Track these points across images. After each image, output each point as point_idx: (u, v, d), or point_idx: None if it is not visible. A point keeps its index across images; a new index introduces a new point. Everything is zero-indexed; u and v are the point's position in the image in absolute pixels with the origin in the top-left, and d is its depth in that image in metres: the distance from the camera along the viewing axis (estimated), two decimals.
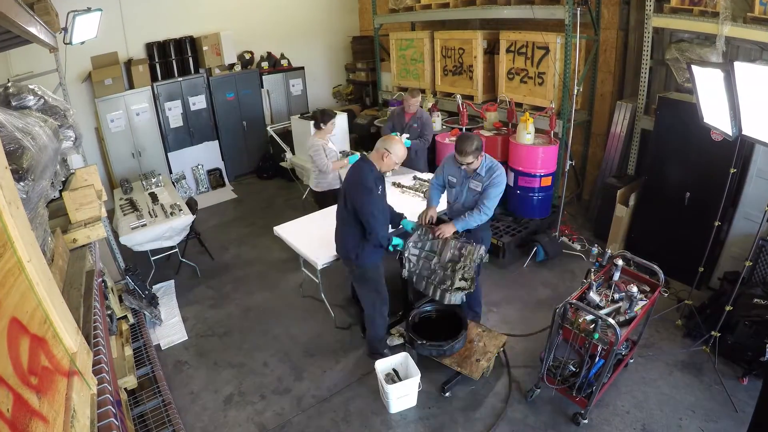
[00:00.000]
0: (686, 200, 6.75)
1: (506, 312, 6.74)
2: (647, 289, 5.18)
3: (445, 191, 6.06)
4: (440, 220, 5.80)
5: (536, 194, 7.98)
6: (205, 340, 6.67)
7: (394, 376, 5.49)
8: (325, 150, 7.30)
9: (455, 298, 5.38)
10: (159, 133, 10.88)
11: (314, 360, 6.17)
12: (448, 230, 5.56)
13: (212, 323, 7.00)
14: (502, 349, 5.83)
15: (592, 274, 5.23)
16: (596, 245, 5.76)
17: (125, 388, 5.08)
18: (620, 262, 5.24)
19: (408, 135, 7.94)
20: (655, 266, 5.26)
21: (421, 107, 8.53)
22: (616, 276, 5.25)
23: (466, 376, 5.45)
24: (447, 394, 5.46)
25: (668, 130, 6.91)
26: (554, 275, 7.42)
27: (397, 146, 5.14)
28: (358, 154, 7.02)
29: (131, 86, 10.35)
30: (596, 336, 4.51)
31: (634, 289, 4.84)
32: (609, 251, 5.38)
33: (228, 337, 6.70)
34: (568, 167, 7.70)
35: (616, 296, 5.01)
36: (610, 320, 4.43)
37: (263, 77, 12.18)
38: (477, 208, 5.53)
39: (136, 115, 10.41)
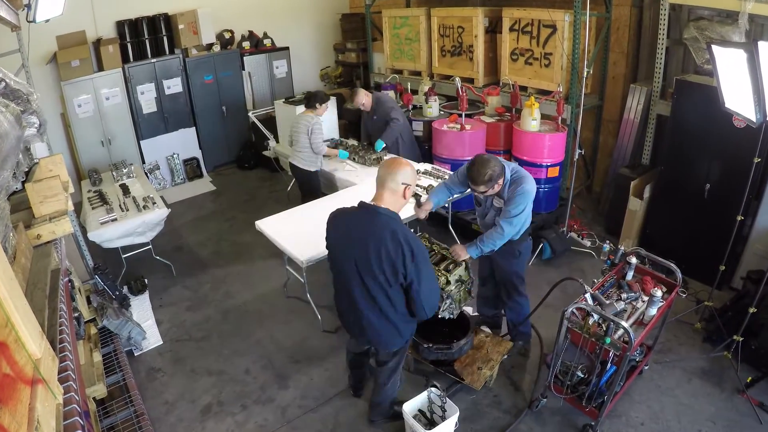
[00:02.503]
0: (706, 193, 6.76)
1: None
2: (663, 289, 5.18)
3: (454, 197, 5.90)
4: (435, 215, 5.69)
5: (542, 186, 7.98)
6: (181, 345, 6.66)
7: (421, 417, 5.26)
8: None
9: (443, 314, 5.34)
10: (131, 119, 10.84)
11: (300, 367, 6.17)
12: (461, 254, 5.25)
13: (189, 327, 6.99)
14: (506, 356, 5.84)
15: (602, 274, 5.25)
16: (608, 241, 5.76)
17: (94, 398, 5.06)
18: (634, 260, 5.24)
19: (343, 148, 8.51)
20: (672, 264, 5.26)
21: (386, 93, 8.60)
22: (630, 275, 5.26)
23: (467, 385, 5.46)
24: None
25: (686, 116, 6.92)
26: (562, 274, 7.38)
27: (407, 170, 4.22)
28: (347, 153, 7.06)
29: (100, 68, 10.30)
30: (607, 340, 4.50)
31: (651, 289, 4.84)
32: (622, 248, 5.38)
33: (206, 342, 6.69)
34: (577, 156, 7.69)
35: (630, 297, 5.02)
36: (623, 323, 4.40)
37: (244, 58, 12.13)
38: (495, 226, 5.22)
39: (105, 99, 10.36)
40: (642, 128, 8.21)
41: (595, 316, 4.65)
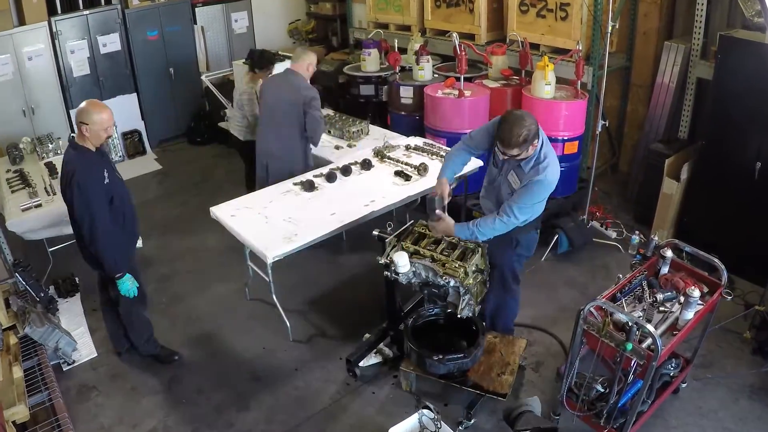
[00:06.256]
0: (757, 173, 6.75)
1: (519, 320, 6.70)
2: (704, 289, 5.14)
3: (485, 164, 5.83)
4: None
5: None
6: (119, 358, 6.60)
7: None
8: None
9: (463, 314, 5.35)
10: (58, 83, 10.72)
11: (263, 385, 6.14)
12: (441, 229, 5.49)
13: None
14: (524, 357, 5.90)
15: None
16: (637, 232, 5.75)
17: (13, 422, 5.02)
18: (669, 254, 5.20)
19: None
20: (716, 260, 5.23)
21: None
22: (665, 271, 5.22)
23: (486, 398, 5.48)
24: (472, 421, 5.43)
25: (732, 80, 6.89)
26: (582, 271, 7.40)
27: (92, 112, 5.26)
28: None
29: (21, 22, 10.15)
30: (629, 346, 4.45)
31: (691, 289, 4.80)
32: (655, 239, 5.34)
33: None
34: (600, 129, 7.68)
35: (661, 296, 4.97)
36: (649, 327, 4.39)
37: (196, 10, 12.03)
38: (498, 212, 5.23)
39: (28, 59, 10.23)
40: (679, 95, 8.21)
41: (620, 316, 4.62)
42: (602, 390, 4.96)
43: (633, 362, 4.53)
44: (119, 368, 6.44)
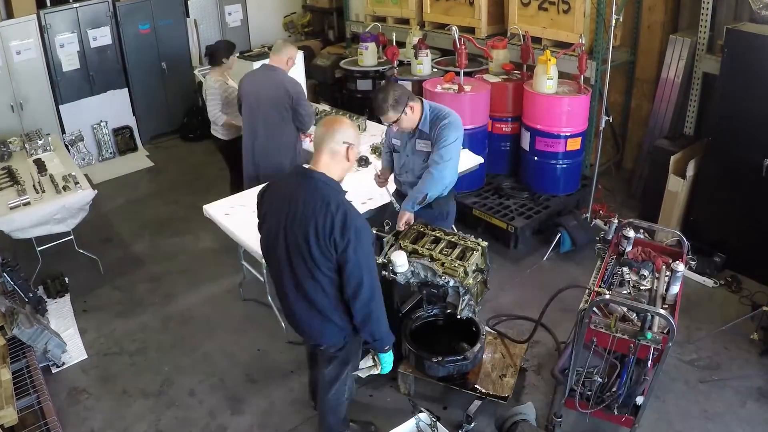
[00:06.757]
0: (765, 169, 6.72)
1: (519, 321, 6.69)
2: (690, 263, 5.24)
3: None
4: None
5: (560, 162, 7.97)
6: (110, 360, 6.58)
7: None
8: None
9: (463, 314, 5.33)
10: (47, 78, 10.69)
11: (258, 387, 6.12)
12: (404, 218, 5.75)
13: (120, 337, 6.92)
14: (525, 359, 5.90)
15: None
16: (616, 217, 5.75)
17: (1, 425, 5.01)
18: (631, 234, 5.27)
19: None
20: (676, 231, 5.47)
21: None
22: (629, 250, 5.30)
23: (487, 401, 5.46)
24: (472, 425, 5.39)
25: (740, 75, 6.87)
26: (585, 271, 7.33)
27: (347, 128, 4.19)
28: None
29: (9, 15, 10.13)
30: (648, 336, 4.45)
31: (676, 264, 4.82)
32: (615, 221, 5.38)
33: (141, 356, 6.63)
34: (603, 125, 7.66)
35: (642, 275, 5.03)
36: (661, 311, 4.41)
37: (189, 2, 11.98)
38: (427, 171, 5.60)
39: (16, 53, 10.20)
40: (684, 90, 8.19)
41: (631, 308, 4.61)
42: (601, 381, 4.94)
43: (650, 350, 4.54)
44: (110, 371, 6.42)
